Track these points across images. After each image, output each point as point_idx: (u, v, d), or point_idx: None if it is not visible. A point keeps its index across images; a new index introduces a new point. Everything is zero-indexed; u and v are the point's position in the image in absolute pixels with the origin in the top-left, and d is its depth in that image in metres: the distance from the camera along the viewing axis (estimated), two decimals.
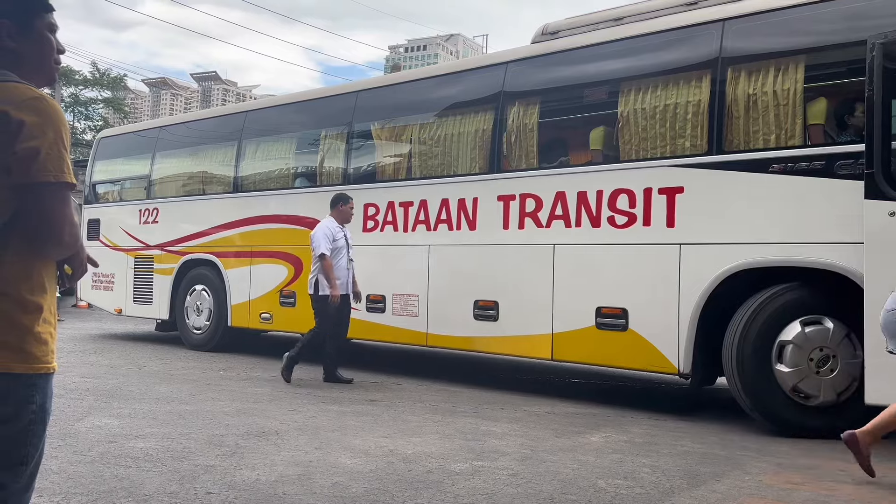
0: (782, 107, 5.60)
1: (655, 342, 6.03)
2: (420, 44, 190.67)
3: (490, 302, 7.11)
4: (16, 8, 1.95)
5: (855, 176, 5.10)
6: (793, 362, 5.35)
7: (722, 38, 5.95)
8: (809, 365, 5.32)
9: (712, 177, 5.86)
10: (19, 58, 1.95)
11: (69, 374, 7.23)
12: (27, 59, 1.96)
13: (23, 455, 1.87)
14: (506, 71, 7.38)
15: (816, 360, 5.31)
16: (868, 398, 4.94)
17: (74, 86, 34.65)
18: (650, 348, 6.06)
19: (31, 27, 1.97)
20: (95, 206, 11.87)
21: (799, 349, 5.34)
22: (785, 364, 5.38)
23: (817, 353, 5.31)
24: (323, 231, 7.47)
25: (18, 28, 1.94)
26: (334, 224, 7.56)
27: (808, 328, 5.35)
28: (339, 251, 7.49)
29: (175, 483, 3.79)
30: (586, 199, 6.52)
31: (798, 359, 5.34)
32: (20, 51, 1.95)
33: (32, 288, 1.88)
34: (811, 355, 5.32)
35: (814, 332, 5.33)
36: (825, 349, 5.30)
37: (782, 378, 5.38)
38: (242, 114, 10.23)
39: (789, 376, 5.35)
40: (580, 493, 3.83)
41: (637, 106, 6.35)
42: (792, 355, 5.35)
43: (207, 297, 9.86)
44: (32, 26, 1.97)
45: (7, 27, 1.93)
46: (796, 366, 5.34)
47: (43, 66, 2.01)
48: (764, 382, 5.44)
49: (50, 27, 2.02)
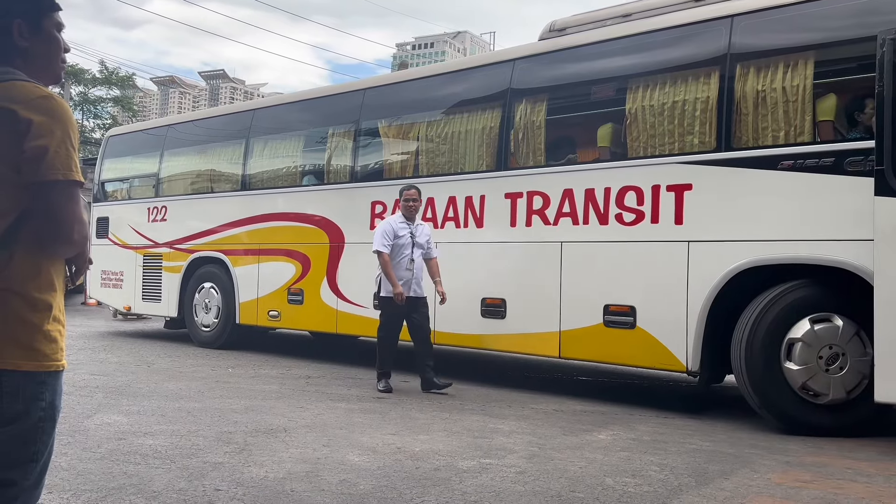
0: (791, 103, 5.57)
1: (664, 340, 6.01)
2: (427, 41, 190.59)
3: (497, 300, 7.10)
4: (28, 7, 1.97)
5: (865, 173, 5.06)
6: (802, 360, 5.32)
7: (731, 35, 5.92)
8: (818, 363, 5.29)
9: (721, 174, 5.83)
10: (30, 57, 1.97)
11: (78, 371, 7.27)
12: (37, 57, 1.98)
13: (33, 452, 1.89)
14: (513, 68, 7.37)
15: (826, 357, 5.28)
16: (878, 396, 4.91)
17: (83, 85, 34.77)
18: (658, 346, 6.04)
19: (40, 26, 1.99)
20: (104, 205, 11.91)
21: (808, 347, 5.31)
22: (794, 362, 5.35)
23: (826, 350, 5.28)
24: (382, 227, 7.00)
25: (30, 28, 1.96)
26: (398, 220, 7.03)
27: (818, 326, 5.31)
28: (400, 248, 6.91)
29: (184, 480, 3.81)
30: (594, 196, 6.51)
31: (807, 357, 5.31)
32: (31, 50, 1.97)
33: (41, 286, 1.89)
34: (820, 353, 5.29)
35: (823, 330, 5.30)
36: (834, 347, 5.27)
37: (791, 376, 5.35)
38: (250, 112, 10.24)
39: (798, 374, 5.32)
40: (588, 490, 3.82)
41: (645, 103, 6.33)
42: (801, 353, 5.32)
43: (216, 294, 9.89)
44: (42, 26, 1.99)
45: (20, 26, 1.95)
46: (805, 364, 5.31)
47: (51, 65, 2.03)
48: (773, 380, 5.41)
49: (58, 26, 2.04)
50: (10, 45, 1.95)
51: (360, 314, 8.18)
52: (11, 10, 1.94)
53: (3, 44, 1.94)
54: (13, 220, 1.84)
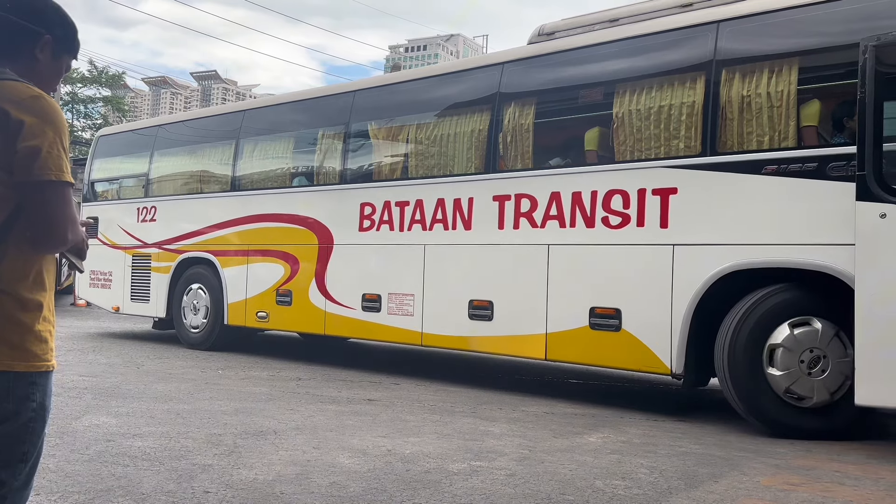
0: (776, 108, 5.62)
1: (648, 342, 6.04)
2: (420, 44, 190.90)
3: (485, 302, 7.11)
4: (62, 35, 2.09)
5: (847, 178, 5.11)
6: (784, 365, 5.36)
7: (716, 40, 5.96)
8: (800, 367, 5.33)
9: (706, 178, 5.88)
10: (37, 72, 2.04)
11: (67, 372, 7.23)
12: (42, 75, 2.06)
13: (22, 452, 1.89)
14: (502, 71, 7.40)
15: (807, 361, 5.32)
16: (858, 400, 4.95)
17: (72, 84, 34.55)
18: (643, 349, 6.07)
19: (60, 57, 2.11)
20: (94, 205, 11.87)
21: (789, 352, 5.35)
22: (776, 367, 5.38)
23: (808, 354, 5.32)
24: None
25: (52, 50, 2.07)
26: None
27: (797, 330, 5.36)
28: None
29: (173, 482, 3.80)
30: (581, 199, 6.54)
31: (789, 361, 5.35)
32: (41, 66, 2.05)
33: (32, 286, 1.89)
34: (801, 357, 5.33)
35: (803, 334, 5.34)
36: (815, 350, 5.31)
37: (775, 381, 5.39)
38: (240, 113, 10.23)
39: (782, 379, 5.36)
40: (578, 493, 3.83)
41: (632, 107, 6.37)
42: (783, 358, 5.36)
43: (204, 295, 9.87)
44: (62, 57, 2.12)
45: (46, 42, 2.04)
46: (787, 369, 5.35)
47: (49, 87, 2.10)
48: (756, 386, 5.45)
49: (68, 67, 2.17)
50: (27, 51, 2.02)
51: (348, 316, 8.18)
52: (51, 27, 2.05)
53: (20, 46, 1.98)
54: (3, 220, 1.84)
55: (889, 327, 4.78)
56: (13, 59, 1.98)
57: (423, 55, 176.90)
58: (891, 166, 4.95)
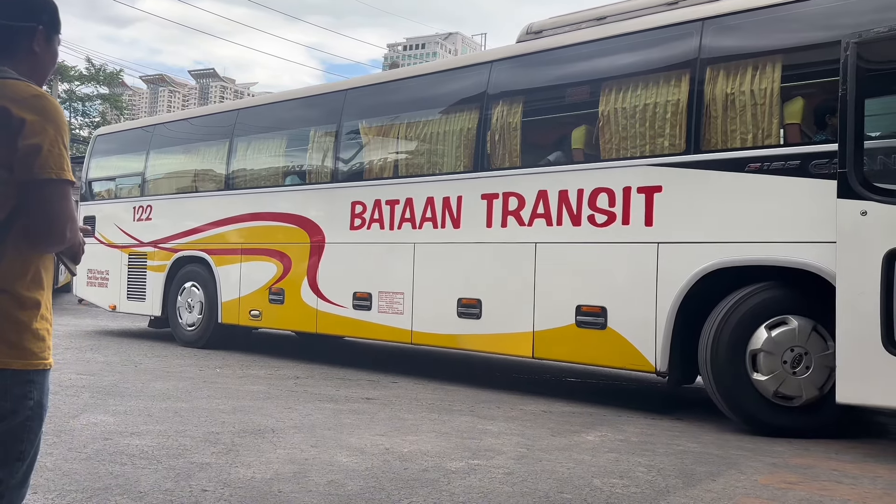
0: (759, 106, 5.66)
1: (633, 340, 6.06)
2: (418, 42, 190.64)
3: (473, 300, 7.13)
4: (49, 19, 2.09)
5: (829, 175, 5.12)
6: (768, 369, 5.34)
7: (701, 38, 5.98)
8: (784, 368, 5.32)
9: (690, 176, 5.91)
10: (37, 64, 2.06)
11: (65, 370, 7.24)
12: (41, 66, 2.08)
13: (19, 451, 1.89)
14: (490, 70, 7.42)
15: (790, 361, 5.31)
16: (839, 398, 4.95)
17: (69, 82, 34.48)
18: (628, 346, 6.09)
19: (52, 40, 2.11)
20: (91, 203, 11.90)
21: (770, 355, 5.34)
22: (761, 372, 5.37)
23: (789, 354, 5.32)
24: None
25: (46, 37, 2.07)
26: None
27: (775, 331, 5.35)
28: None
29: (170, 480, 3.80)
30: (567, 197, 6.57)
31: (772, 364, 5.34)
32: (40, 58, 2.07)
33: (30, 284, 1.89)
34: (784, 357, 5.33)
35: (781, 335, 5.34)
36: (796, 349, 5.31)
37: (762, 386, 5.36)
38: (234, 111, 10.25)
39: (768, 383, 5.34)
40: (576, 491, 3.84)
41: (618, 105, 6.41)
42: (766, 362, 5.35)
43: (198, 293, 9.90)
44: (53, 39, 2.12)
45: (39, 34, 2.05)
46: (772, 372, 5.33)
47: (45, 76, 2.13)
48: (740, 388, 5.45)
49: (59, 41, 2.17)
50: (26, 48, 2.03)
51: (339, 314, 8.20)
52: (39, 16, 2.05)
53: (17, 44, 1.99)
54: (3, 218, 1.84)
55: (870, 325, 4.76)
56: (12, 57, 1.99)
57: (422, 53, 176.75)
58: (872, 164, 4.98)
